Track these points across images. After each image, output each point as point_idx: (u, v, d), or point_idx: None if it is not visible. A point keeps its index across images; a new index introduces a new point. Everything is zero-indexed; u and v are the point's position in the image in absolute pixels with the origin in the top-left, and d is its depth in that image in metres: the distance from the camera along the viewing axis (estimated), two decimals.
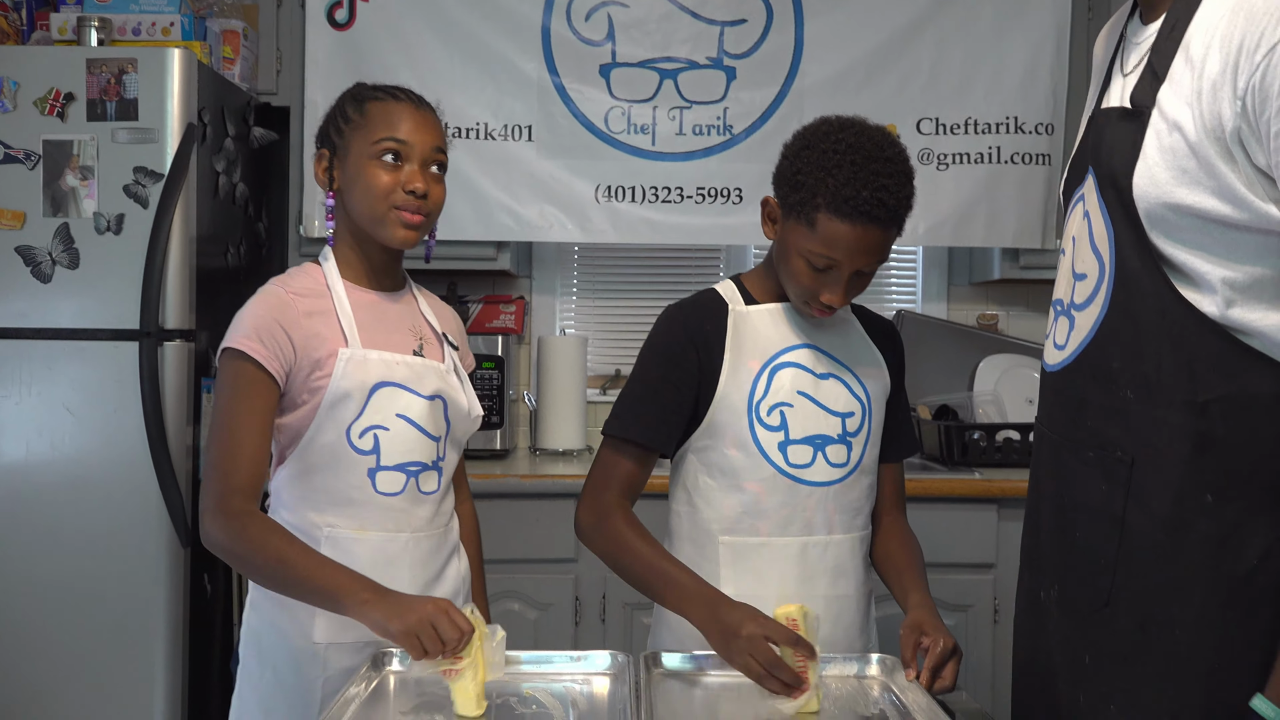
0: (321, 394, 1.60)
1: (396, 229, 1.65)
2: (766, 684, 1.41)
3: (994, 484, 2.96)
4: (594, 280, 3.76)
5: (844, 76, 3.26)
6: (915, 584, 1.69)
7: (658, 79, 3.29)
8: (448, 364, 1.75)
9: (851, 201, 1.54)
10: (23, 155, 2.71)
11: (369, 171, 1.64)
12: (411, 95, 1.71)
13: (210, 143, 2.89)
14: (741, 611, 1.48)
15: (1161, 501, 1.23)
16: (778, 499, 1.68)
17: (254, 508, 1.54)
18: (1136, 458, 1.25)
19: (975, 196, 3.29)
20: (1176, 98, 1.21)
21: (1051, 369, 1.43)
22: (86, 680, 2.70)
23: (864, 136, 1.59)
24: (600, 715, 1.40)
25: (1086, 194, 1.34)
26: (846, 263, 1.58)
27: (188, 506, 2.71)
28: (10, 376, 2.72)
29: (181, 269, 2.74)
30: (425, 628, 1.35)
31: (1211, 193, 1.18)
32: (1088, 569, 1.32)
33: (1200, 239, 1.20)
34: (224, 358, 1.59)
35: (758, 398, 1.67)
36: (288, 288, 1.65)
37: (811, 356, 1.71)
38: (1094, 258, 1.32)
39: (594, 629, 2.96)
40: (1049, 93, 3.26)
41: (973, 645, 2.95)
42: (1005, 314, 3.71)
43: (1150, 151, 1.23)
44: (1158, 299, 1.23)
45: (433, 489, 1.70)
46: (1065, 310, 1.40)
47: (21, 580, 2.70)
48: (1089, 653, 1.32)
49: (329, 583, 1.44)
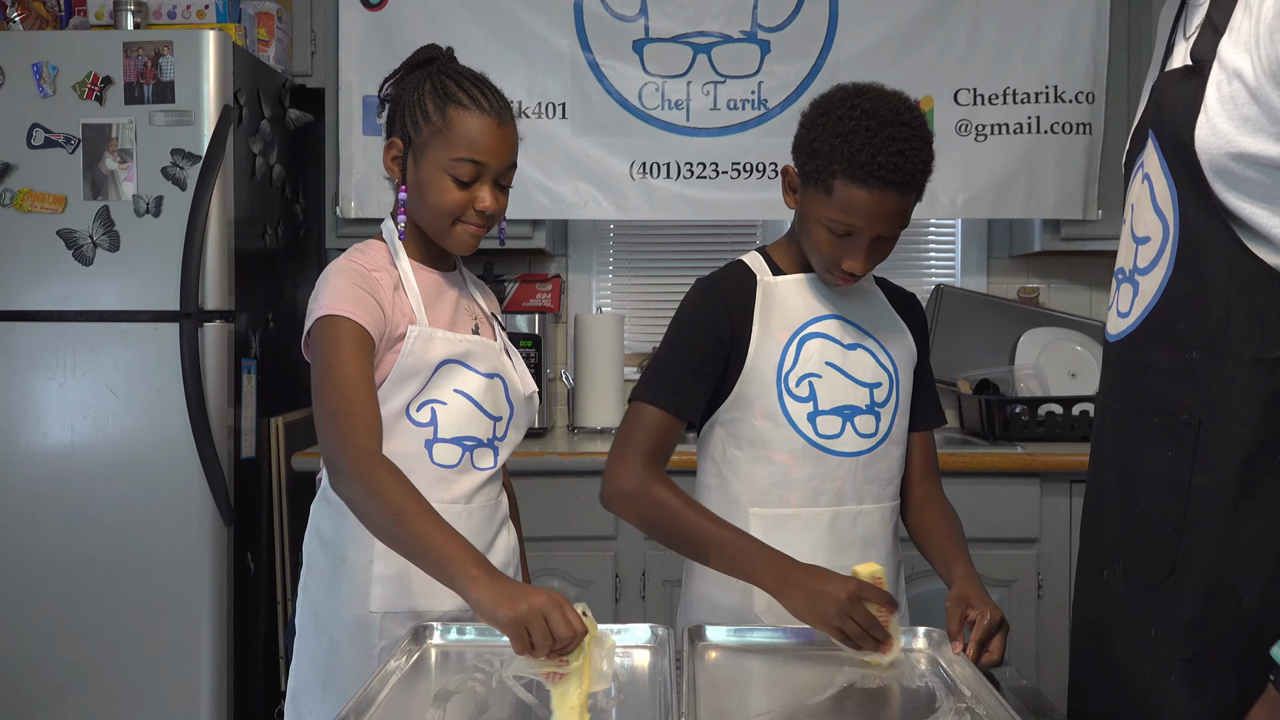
0: (391, 368, 1.61)
1: (462, 240, 1.66)
2: (862, 644, 1.44)
3: (1036, 458, 2.93)
4: (630, 258, 3.75)
5: (879, 48, 3.23)
6: (958, 556, 1.67)
7: (691, 54, 3.26)
8: (499, 343, 1.75)
9: (867, 167, 1.53)
10: (63, 139, 2.73)
11: (441, 183, 1.62)
12: (494, 104, 1.64)
13: (246, 125, 2.90)
14: (829, 576, 1.49)
15: (1230, 463, 1.20)
16: (807, 470, 1.68)
17: (379, 449, 1.48)
18: (1204, 419, 1.22)
19: (1014, 167, 3.25)
20: (1236, 46, 1.18)
21: (1114, 338, 1.39)
22: (132, 660, 2.73)
23: (879, 102, 1.58)
24: (641, 688, 1.40)
25: (1146, 159, 1.31)
26: (866, 229, 1.57)
27: (230, 486, 2.74)
28: (54, 359, 2.75)
29: (220, 250, 2.76)
30: (537, 619, 1.23)
31: (1275, 138, 1.15)
32: (1153, 539, 1.29)
33: (1266, 189, 1.17)
34: (320, 325, 1.55)
35: (786, 368, 1.67)
36: (365, 264, 1.63)
37: (839, 327, 1.71)
38: (1157, 219, 1.28)
39: (634, 605, 2.96)
40: (1089, 60, 3.21)
41: (1017, 621, 2.92)
42: (1046, 287, 3.66)
43: (1211, 103, 1.20)
44: (1225, 254, 1.19)
45: (488, 465, 1.71)
46: (1128, 277, 1.36)
47: (68, 560, 2.74)
48: (1155, 625, 1.29)
49: (440, 549, 1.34)
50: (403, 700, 1.33)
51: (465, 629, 1.54)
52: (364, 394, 1.52)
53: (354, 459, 1.44)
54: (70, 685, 2.74)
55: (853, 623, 1.43)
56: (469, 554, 1.34)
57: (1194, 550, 1.24)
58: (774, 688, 1.43)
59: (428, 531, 1.36)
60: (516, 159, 1.68)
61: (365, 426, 1.49)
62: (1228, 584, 1.21)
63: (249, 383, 2.87)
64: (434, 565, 1.36)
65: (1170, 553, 1.26)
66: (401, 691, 1.36)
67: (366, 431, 1.48)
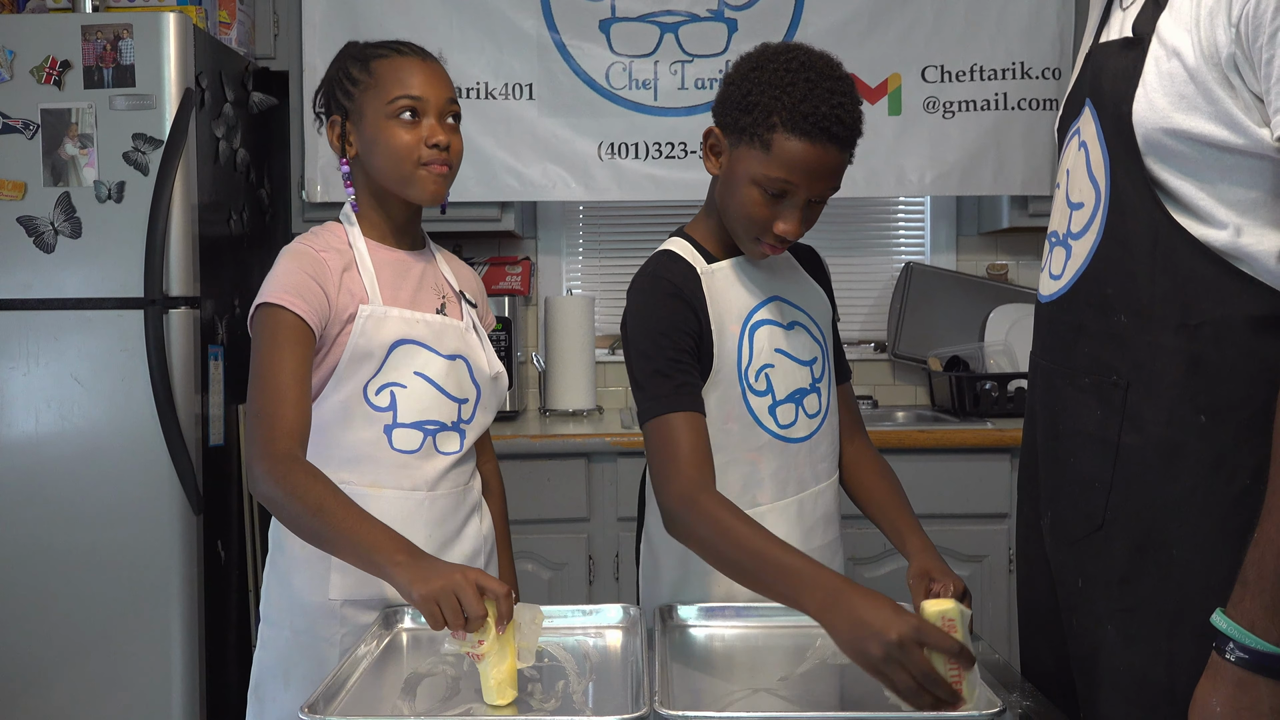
0: (343, 350, 1.60)
1: (427, 184, 1.65)
2: (916, 700, 1.17)
3: (1006, 434, 2.94)
4: (599, 239, 3.74)
5: (846, 25, 3.22)
6: (909, 526, 1.62)
7: (658, 33, 3.25)
8: (466, 322, 1.73)
9: (811, 118, 1.45)
10: (21, 125, 2.69)
11: (389, 132, 1.63)
12: (415, 48, 1.69)
13: (209, 108, 2.86)
14: (883, 607, 1.21)
15: (1156, 424, 1.26)
16: (774, 464, 1.63)
17: (301, 454, 1.49)
18: (1131, 381, 1.28)
19: (982, 144, 3.26)
20: (1176, 24, 1.23)
21: (1047, 299, 1.44)
22: (103, 650, 2.71)
23: (813, 57, 1.51)
24: (613, 667, 1.40)
25: (1083, 126, 1.36)
26: (803, 186, 1.49)
27: (198, 474, 2.71)
28: (17, 348, 2.71)
29: (184, 236, 2.72)
30: (447, 596, 1.24)
31: (1209, 118, 1.20)
32: (1081, 493, 1.35)
33: (1196, 165, 1.22)
34: (261, 312, 1.56)
35: (745, 363, 1.60)
36: (315, 246, 1.63)
37: (777, 309, 1.65)
38: (1090, 186, 1.33)
39: (608, 587, 2.96)
40: (1055, 36, 3.22)
41: (988, 596, 2.95)
42: (1015, 263, 3.67)
43: (1150, 78, 1.24)
44: (1151, 224, 1.25)
45: (453, 449, 1.69)
46: (1061, 240, 1.41)
47: (35, 552, 2.71)
48: (1081, 576, 1.36)
49: (365, 539, 1.36)
50: (373, 685, 1.32)
51: None
52: (292, 394, 1.51)
53: (269, 464, 1.45)
54: (40, 677, 2.71)
55: (904, 672, 1.17)
56: (393, 540, 1.36)
57: (1123, 507, 1.30)
58: (745, 666, 1.43)
59: (351, 524, 1.38)
60: (455, 97, 1.69)
61: (286, 430, 1.49)
62: (1157, 539, 1.27)
63: (216, 369, 2.85)
64: (359, 556, 1.37)
65: (1098, 509, 1.32)
66: (372, 676, 1.35)
67: (287, 435, 1.49)
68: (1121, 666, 1.31)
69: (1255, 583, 1.12)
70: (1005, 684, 1.38)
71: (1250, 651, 1.11)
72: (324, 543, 1.42)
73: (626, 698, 1.28)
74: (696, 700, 1.26)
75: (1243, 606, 1.12)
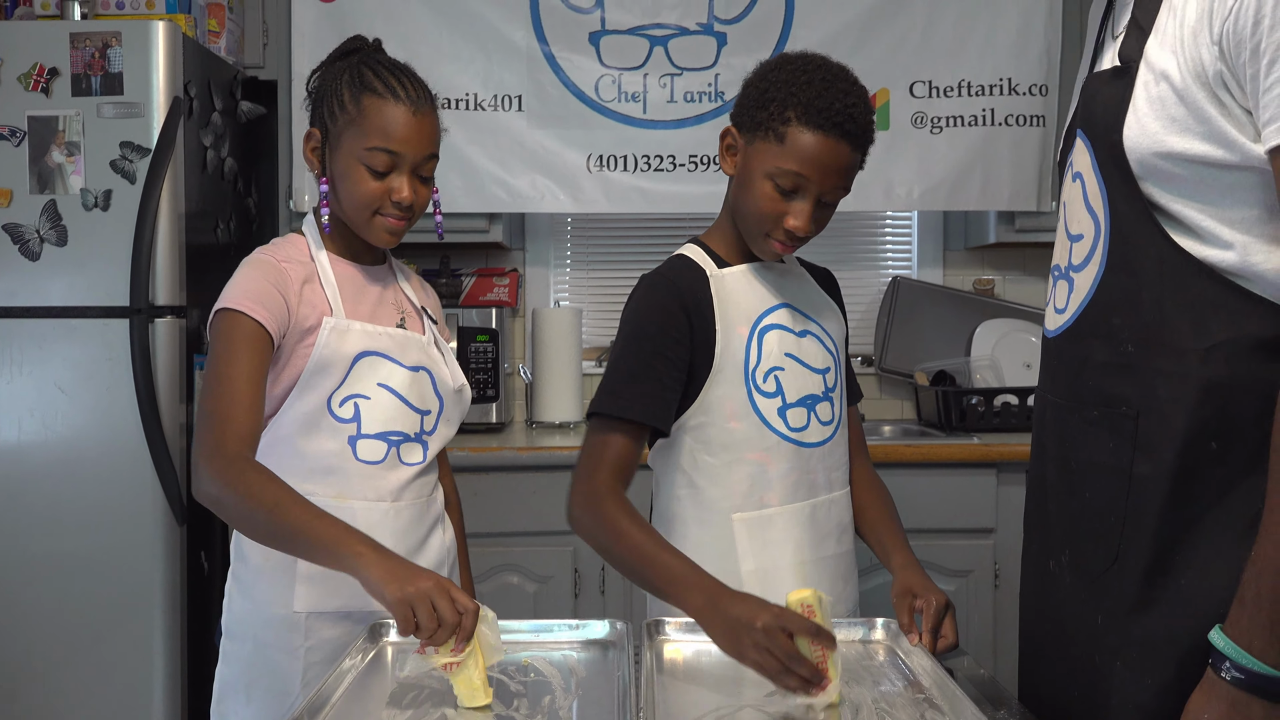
0: (305, 362, 1.59)
1: (379, 234, 1.65)
2: (783, 681, 1.27)
3: (993, 449, 2.95)
4: (587, 251, 3.74)
5: (835, 40, 3.23)
6: (896, 543, 1.68)
7: (648, 46, 3.26)
8: (428, 337, 1.73)
9: (825, 112, 1.53)
10: (8, 132, 2.68)
11: (356, 174, 1.60)
12: (410, 93, 1.62)
13: (197, 117, 2.85)
14: (749, 602, 1.33)
15: (1169, 452, 1.23)
16: (784, 465, 1.64)
17: (251, 455, 1.48)
18: (1141, 410, 1.26)
19: (970, 160, 3.27)
20: (1162, 47, 1.22)
21: (1052, 334, 1.42)
22: (85, 660, 2.69)
23: (829, 63, 1.60)
24: (599, 682, 1.39)
25: (1076, 157, 1.35)
26: (815, 180, 1.55)
27: (183, 484, 2.70)
28: (1, 356, 2.69)
29: (171, 245, 2.71)
30: (424, 602, 1.25)
31: (1201, 137, 1.18)
32: (1099, 529, 1.31)
33: (1194, 187, 1.20)
34: (219, 317, 1.55)
35: (752, 364, 1.63)
36: (277, 256, 1.63)
37: (789, 315, 1.68)
38: (1089, 216, 1.32)
39: (594, 601, 2.95)
40: (1043, 53, 3.23)
41: (974, 611, 2.95)
42: (1001, 278, 3.69)
43: (1140, 103, 1.23)
44: (1155, 249, 1.23)
45: (416, 460, 1.69)
46: (1064, 274, 1.39)
47: (18, 560, 2.69)
48: (1100, 613, 1.31)
49: (325, 535, 1.35)
50: (358, 699, 1.32)
51: None
52: (245, 397, 1.50)
53: (220, 465, 1.44)
54: (21, 685, 2.69)
55: (770, 656, 1.27)
56: (352, 534, 1.36)
57: (1134, 538, 1.27)
58: (731, 681, 1.42)
59: (307, 521, 1.38)
60: (437, 150, 1.67)
61: (236, 433, 1.47)
62: (1164, 568, 1.24)
63: (201, 379, 2.84)
64: (320, 551, 1.37)
65: (1114, 542, 1.29)
66: (357, 690, 1.34)
67: (237, 438, 1.47)
68: (1129, 705, 1.26)
69: (1253, 602, 1.10)
70: (991, 700, 1.38)
71: (1246, 672, 1.10)
72: (280, 542, 1.42)
73: (613, 713, 1.27)
74: (682, 716, 1.26)
75: (1241, 625, 1.11)
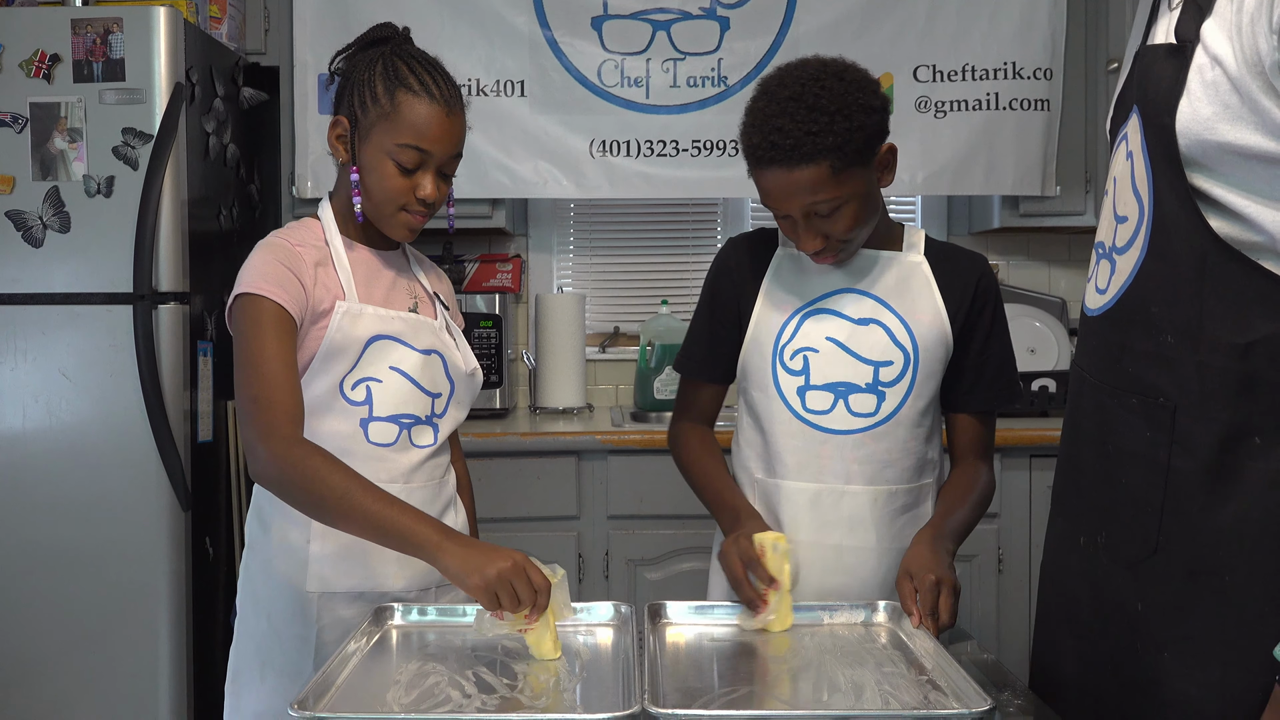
0: (318, 345, 1.59)
1: (400, 229, 1.66)
2: (738, 591, 1.54)
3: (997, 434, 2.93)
4: (591, 237, 3.73)
5: (839, 25, 3.22)
6: (932, 521, 1.68)
7: (650, 30, 3.24)
8: (440, 321, 1.73)
9: (755, 151, 1.57)
10: (10, 119, 2.68)
11: (384, 168, 1.60)
12: (445, 92, 1.61)
13: (199, 103, 2.85)
14: (748, 525, 1.60)
15: (1207, 447, 1.20)
16: (793, 443, 1.69)
17: (302, 435, 1.49)
18: (1179, 404, 1.23)
19: (974, 144, 3.26)
20: (1219, 30, 1.17)
21: (1092, 313, 1.39)
22: (90, 646, 2.70)
23: (787, 76, 1.57)
24: (604, 665, 1.39)
25: (1130, 133, 1.30)
26: (787, 207, 1.59)
27: (187, 470, 2.70)
28: (4, 343, 2.70)
29: (174, 231, 2.71)
30: (505, 586, 1.35)
31: (1255, 128, 1.14)
32: (1135, 515, 1.29)
33: (1244, 177, 1.16)
34: (240, 303, 1.55)
35: (783, 342, 1.69)
36: (291, 239, 1.63)
37: (854, 301, 1.68)
38: (1134, 200, 1.28)
39: (598, 585, 2.96)
40: (1047, 37, 3.22)
41: (978, 595, 2.95)
42: (1006, 263, 3.68)
43: (1194, 87, 1.19)
44: (1197, 241, 1.19)
45: (427, 443, 1.69)
46: (1106, 253, 1.36)
47: (22, 547, 2.70)
48: (1141, 600, 1.29)
49: (397, 523, 1.40)
50: (363, 682, 1.32)
51: (426, 610, 1.55)
52: (285, 379, 1.52)
53: (281, 448, 1.46)
54: (27, 674, 2.70)
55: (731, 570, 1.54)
56: (425, 522, 1.42)
57: (1175, 532, 1.24)
58: (735, 664, 1.43)
59: (378, 508, 1.42)
60: (462, 149, 1.66)
61: (287, 414, 1.49)
62: (1210, 567, 1.21)
63: (205, 365, 2.84)
64: (394, 539, 1.42)
65: (1152, 532, 1.26)
66: (362, 673, 1.35)
67: (289, 419, 1.49)
68: (1179, 698, 1.25)
69: None
70: (995, 682, 1.38)
71: None
72: (348, 525, 1.44)
73: (617, 696, 1.27)
74: (687, 698, 1.26)
75: None
